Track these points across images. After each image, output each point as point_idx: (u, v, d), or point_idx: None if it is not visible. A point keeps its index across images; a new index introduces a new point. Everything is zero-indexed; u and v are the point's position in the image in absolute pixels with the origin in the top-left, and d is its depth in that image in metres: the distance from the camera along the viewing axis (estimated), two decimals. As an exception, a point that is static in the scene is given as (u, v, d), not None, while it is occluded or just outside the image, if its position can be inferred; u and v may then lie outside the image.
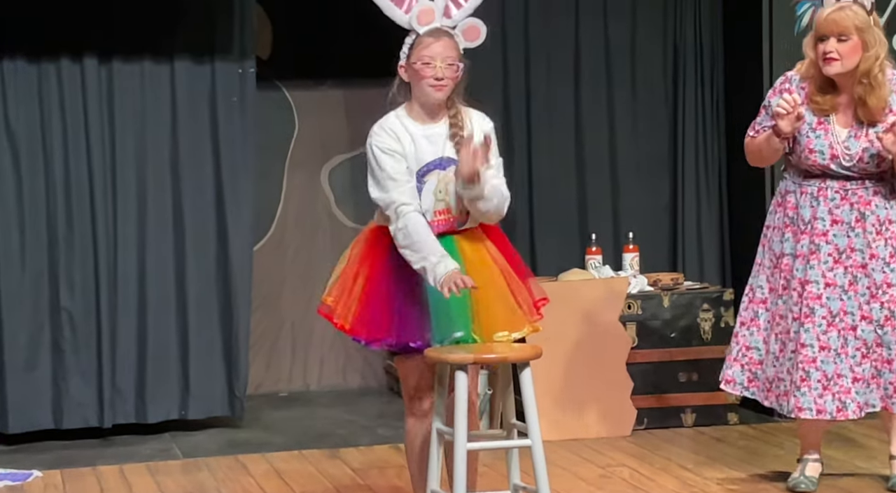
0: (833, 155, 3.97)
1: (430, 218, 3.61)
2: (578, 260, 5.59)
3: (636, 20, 5.76)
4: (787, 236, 4.08)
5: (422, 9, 3.61)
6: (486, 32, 3.69)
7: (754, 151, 4.14)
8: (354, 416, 5.79)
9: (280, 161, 6.35)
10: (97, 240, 5.37)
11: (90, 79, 5.35)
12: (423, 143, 3.60)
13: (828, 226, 4.00)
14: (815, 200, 4.02)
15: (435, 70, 3.57)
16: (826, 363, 3.99)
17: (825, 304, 4.00)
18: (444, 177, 3.60)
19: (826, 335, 3.99)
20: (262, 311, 6.23)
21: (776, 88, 4.10)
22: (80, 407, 5.36)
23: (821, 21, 3.95)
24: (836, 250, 3.99)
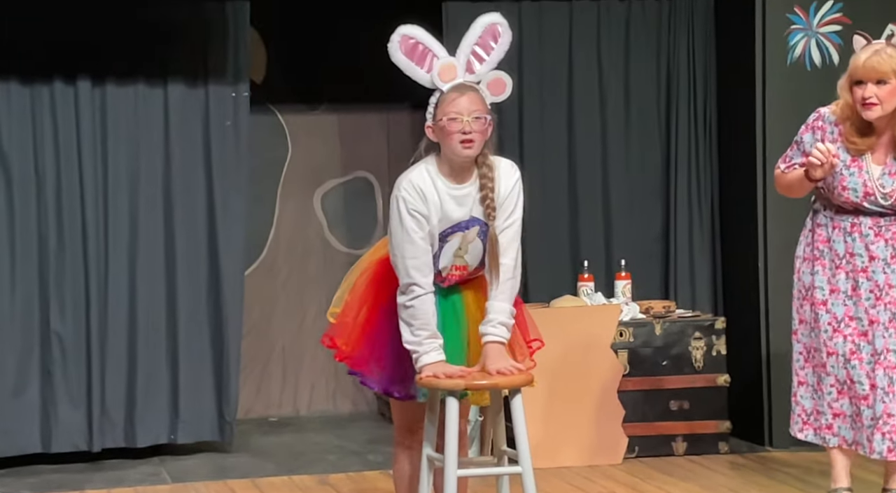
0: (867, 193, 3.98)
1: (446, 273, 3.57)
2: (571, 287, 5.58)
3: (629, 51, 5.78)
4: (817, 269, 4.07)
5: (443, 65, 3.54)
6: (511, 85, 3.64)
7: (785, 185, 4.15)
8: (344, 441, 5.77)
9: (273, 185, 6.35)
10: (88, 263, 5.35)
11: (83, 101, 5.35)
12: (451, 204, 3.51)
13: (866, 262, 4.00)
14: (848, 235, 4.03)
15: (462, 124, 3.46)
16: (877, 402, 4.00)
17: (871, 341, 4.01)
18: (466, 236, 3.54)
19: (874, 373, 4.01)
20: (252, 335, 6.21)
21: (809, 124, 4.09)
22: (69, 431, 5.33)
23: (858, 66, 3.94)
24: (876, 287, 4.01)
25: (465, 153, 3.49)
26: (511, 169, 3.59)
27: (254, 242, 6.15)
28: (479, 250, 3.56)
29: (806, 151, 4.06)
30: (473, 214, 3.54)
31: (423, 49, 3.55)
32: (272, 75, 6.26)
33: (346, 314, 3.63)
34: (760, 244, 5.44)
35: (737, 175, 5.65)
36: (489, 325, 3.54)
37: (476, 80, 3.59)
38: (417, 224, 3.49)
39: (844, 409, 4.02)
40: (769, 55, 5.39)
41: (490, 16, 3.64)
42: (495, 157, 3.59)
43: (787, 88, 5.38)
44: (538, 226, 5.70)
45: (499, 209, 3.54)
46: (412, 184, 3.51)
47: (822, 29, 5.41)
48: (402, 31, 3.56)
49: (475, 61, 3.59)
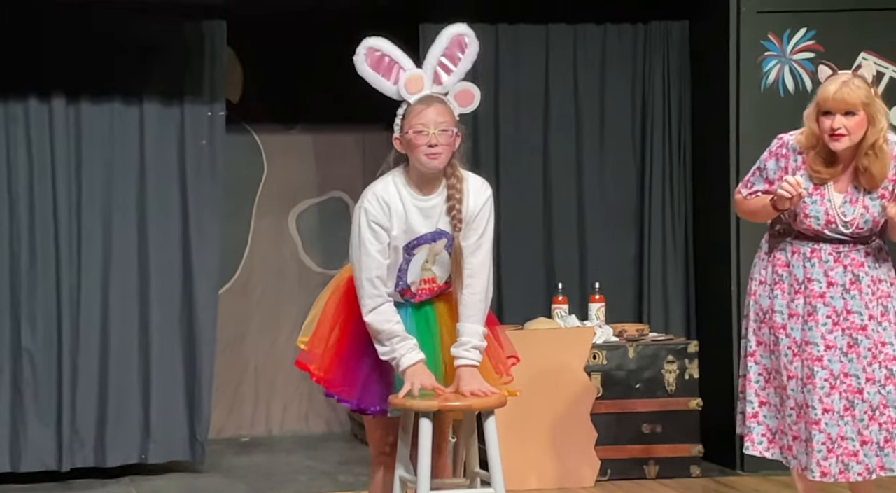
0: (828, 221, 4.00)
1: (416, 288, 3.57)
2: (545, 309, 5.59)
3: (605, 74, 5.81)
4: (776, 293, 4.08)
5: (410, 77, 3.54)
6: (479, 97, 3.63)
7: (748, 211, 4.15)
8: (316, 462, 5.75)
9: (248, 204, 6.34)
10: (60, 281, 5.33)
11: (58, 119, 5.33)
12: (415, 216, 3.51)
13: (824, 288, 4.02)
14: (808, 260, 4.04)
15: (428, 137, 3.46)
16: (830, 426, 4.00)
17: (826, 366, 4.01)
18: (433, 248, 3.53)
19: (829, 398, 4.00)
20: (226, 354, 6.19)
21: (772, 150, 4.09)
22: (39, 450, 5.29)
23: (827, 98, 3.93)
24: (834, 313, 4.02)
25: (431, 164, 3.49)
26: (483, 186, 3.59)
27: (228, 261, 6.13)
28: (446, 263, 3.56)
29: (769, 178, 4.08)
30: (440, 226, 3.53)
31: (389, 61, 3.55)
32: (248, 95, 6.26)
33: (318, 338, 3.62)
34: (733, 269, 5.47)
35: (711, 199, 5.68)
36: (462, 348, 3.54)
37: (444, 92, 3.58)
38: (375, 236, 3.50)
39: (801, 433, 4.04)
40: (743, 81, 5.43)
41: (456, 27, 3.63)
42: (467, 171, 3.59)
43: (760, 114, 5.42)
44: (513, 248, 5.71)
45: (467, 224, 3.54)
46: (376, 195, 3.52)
47: (795, 56, 5.46)
48: (367, 43, 3.57)
49: (442, 73, 3.58)
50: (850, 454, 3.99)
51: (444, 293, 3.63)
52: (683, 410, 5.33)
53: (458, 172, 3.54)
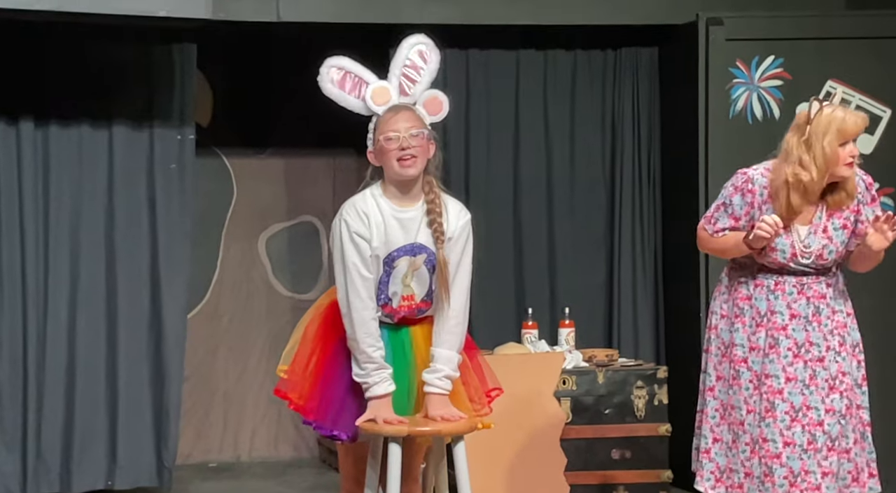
0: (794, 254, 3.99)
1: (396, 304, 3.56)
2: (514, 334, 5.59)
3: (575, 101, 5.84)
4: (738, 327, 4.07)
5: (375, 89, 3.55)
6: (448, 104, 3.63)
7: (716, 249, 4.11)
8: (285, 488, 5.71)
9: (217, 228, 6.32)
10: (27, 304, 5.28)
11: (25, 142, 5.30)
12: (394, 227, 3.50)
13: (787, 320, 4.01)
14: (771, 293, 4.03)
15: (399, 141, 3.46)
16: (792, 459, 3.98)
17: (787, 398, 3.99)
18: (413, 263, 3.53)
19: (790, 431, 3.98)
20: (194, 379, 6.15)
21: (738, 186, 4.03)
22: (3, 476, 5.24)
23: (850, 126, 3.92)
24: (794, 345, 4.01)
25: (405, 171, 3.48)
26: (462, 211, 3.59)
27: (197, 284, 6.10)
28: (425, 279, 3.55)
29: (734, 214, 4.05)
30: (420, 239, 3.52)
31: (353, 78, 3.57)
32: (218, 118, 6.25)
33: (298, 365, 3.59)
34: (702, 295, 5.48)
35: (679, 225, 5.71)
36: (434, 376, 3.53)
37: (412, 102, 3.59)
38: (358, 249, 3.48)
39: (754, 469, 4.01)
40: (712, 108, 5.47)
41: (414, 37, 3.64)
42: (443, 193, 3.58)
43: (729, 141, 5.46)
44: (483, 273, 5.69)
45: (447, 241, 3.53)
46: (354, 207, 3.52)
47: (763, 83, 5.50)
48: (330, 62, 3.58)
49: (408, 84, 3.59)
50: (812, 487, 3.97)
51: (422, 317, 3.61)
52: (653, 435, 5.33)
53: (436, 189, 3.55)
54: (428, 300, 3.58)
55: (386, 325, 3.58)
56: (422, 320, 3.62)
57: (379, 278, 3.52)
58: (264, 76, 6.25)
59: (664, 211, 5.87)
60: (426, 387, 3.52)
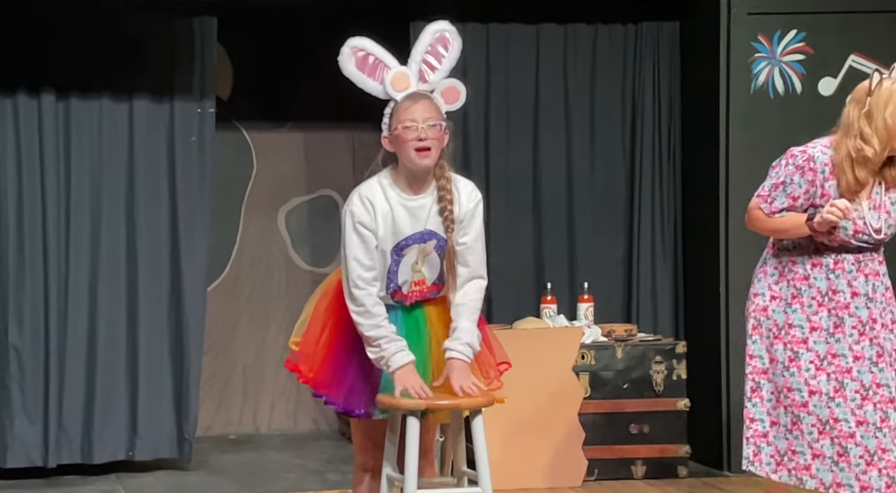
0: (857, 231, 3.95)
1: (407, 290, 3.56)
2: (534, 309, 5.59)
3: (595, 75, 5.81)
4: (795, 308, 4.02)
5: (395, 75, 3.53)
6: (465, 94, 3.62)
7: (771, 229, 4.03)
8: (304, 460, 5.75)
9: (237, 202, 6.33)
10: (48, 277, 5.31)
11: (47, 114, 5.32)
12: (403, 216, 3.49)
13: (849, 298, 3.99)
14: (831, 272, 3.99)
15: (417, 132, 3.45)
16: (867, 438, 3.95)
17: (856, 377, 3.96)
18: (423, 249, 3.52)
19: (862, 410, 3.95)
20: (213, 352, 6.18)
21: (800, 165, 3.94)
22: (25, 446, 5.28)
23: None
24: (859, 323, 3.98)
25: (421, 163, 3.48)
26: (473, 192, 3.58)
27: (217, 258, 6.12)
28: (436, 264, 3.55)
29: (793, 194, 3.97)
30: (429, 226, 3.52)
31: (374, 60, 3.55)
32: (238, 92, 6.25)
33: (309, 338, 3.61)
34: (722, 269, 5.47)
35: (700, 200, 5.69)
36: (455, 342, 3.53)
37: (430, 89, 3.57)
38: (362, 239, 3.48)
39: (825, 450, 3.98)
40: (733, 82, 5.44)
41: (438, 24, 3.62)
42: (455, 174, 3.58)
43: (750, 115, 5.43)
44: (503, 248, 5.71)
45: (458, 227, 3.53)
46: (361, 196, 3.51)
47: (785, 58, 5.47)
48: (351, 43, 3.56)
49: (427, 70, 3.57)
50: (892, 465, 3.92)
51: (434, 297, 3.61)
52: (671, 410, 5.33)
53: (447, 173, 3.53)
54: (439, 283, 3.58)
55: (398, 305, 3.58)
56: (435, 299, 3.62)
57: (388, 267, 3.52)
58: (284, 50, 6.24)
59: (684, 186, 5.85)
60: (447, 353, 3.53)
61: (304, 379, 3.58)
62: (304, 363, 3.58)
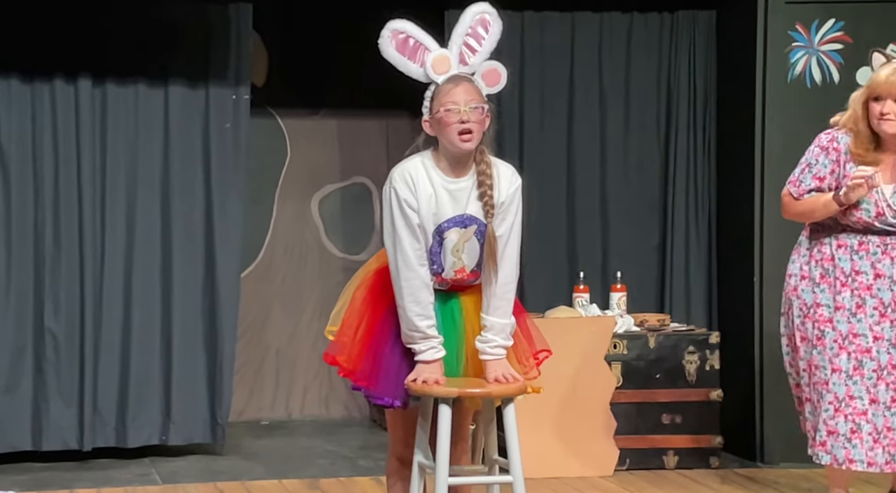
0: (879, 212, 4.01)
1: (449, 275, 3.53)
2: (566, 297, 5.58)
3: (630, 63, 5.78)
4: (823, 287, 4.09)
5: (437, 57, 3.51)
6: (506, 76, 3.60)
7: (801, 212, 4.13)
8: (336, 446, 5.77)
9: (271, 188, 6.35)
10: (84, 262, 5.35)
11: (83, 100, 5.35)
12: (444, 198, 3.47)
13: (871, 280, 4.04)
14: (855, 253, 4.05)
15: (460, 115, 3.42)
16: (877, 416, 4.04)
17: (875, 357, 4.04)
18: (464, 234, 3.50)
19: (876, 388, 4.04)
20: (247, 338, 6.21)
21: (823, 146, 4.09)
22: (60, 429, 5.33)
23: (880, 82, 4.00)
24: (881, 304, 4.05)
25: (463, 146, 3.45)
26: (513, 176, 3.56)
27: (250, 244, 6.15)
28: (475, 251, 3.53)
29: (819, 174, 4.05)
30: (469, 211, 3.50)
31: (414, 43, 3.53)
32: (273, 79, 6.26)
33: (346, 330, 3.59)
34: (756, 260, 5.44)
35: (735, 190, 5.66)
36: (487, 345, 3.53)
37: (470, 72, 3.55)
38: (406, 218, 3.45)
39: (839, 427, 4.04)
40: (770, 72, 5.40)
41: (479, 5, 3.60)
42: (495, 158, 3.56)
43: (787, 105, 5.39)
44: (536, 236, 5.70)
45: (498, 212, 3.52)
46: (404, 174, 3.48)
47: (823, 47, 5.42)
48: (392, 26, 3.54)
49: (468, 53, 3.55)
50: (895, 444, 3.99)
51: (471, 285, 3.60)
52: (704, 400, 5.32)
53: (487, 158, 3.51)
54: (477, 270, 3.57)
55: (436, 292, 3.57)
56: (471, 287, 3.61)
57: (430, 249, 3.51)
58: (319, 37, 6.25)
59: (719, 176, 5.81)
60: (481, 356, 3.54)
61: (344, 372, 3.57)
62: (342, 354, 3.56)
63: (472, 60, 3.56)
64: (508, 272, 3.54)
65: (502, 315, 3.53)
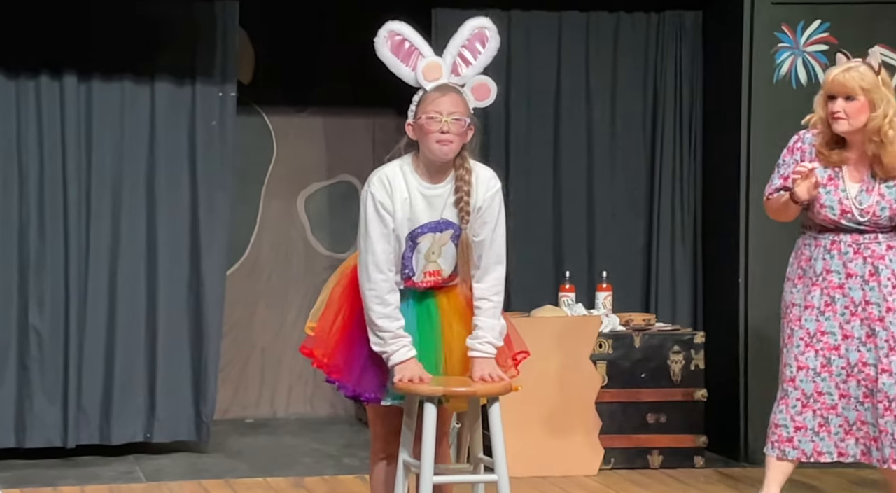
0: (844, 211, 4.06)
1: (419, 278, 3.56)
2: (552, 296, 5.59)
3: (617, 63, 5.79)
4: (798, 287, 4.15)
5: (428, 64, 3.54)
6: (496, 92, 3.62)
7: (773, 210, 4.23)
8: (321, 445, 5.76)
9: (257, 186, 6.34)
10: (69, 259, 5.33)
11: (69, 97, 5.33)
12: (420, 203, 3.50)
13: (843, 279, 4.08)
14: (827, 253, 4.10)
15: (440, 124, 3.45)
16: (847, 410, 4.09)
17: (844, 355, 4.08)
18: (439, 239, 3.53)
19: (846, 385, 4.08)
20: (232, 335, 6.20)
21: (790, 146, 4.20)
22: (44, 426, 5.31)
23: (829, 81, 4.08)
24: (852, 303, 4.08)
25: (441, 155, 3.48)
26: (492, 179, 3.58)
27: (236, 242, 6.14)
28: (452, 255, 3.55)
29: (784, 174, 4.14)
30: (445, 216, 3.52)
31: (409, 47, 3.55)
32: (260, 76, 6.25)
33: (323, 325, 3.62)
34: (741, 260, 5.46)
35: (720, 190, 5.67)
36: (477, 341, 3.54)
37: (461, 83, 3.58)
38: (382, 221, 3.49)
39: (807, 422, 4.08)
40: (755, 72, 5.41)
41: (479, 20, 3.64)
42: (476, 163, 3.58)
43: (772, 106, 5.40)
44: (522, 236, 5.70)
45: (476, 216, 3.53)
46: (382, 178, 3.52)
47: (808, 48, 5.44)
48: (389, 27, 3.56)
49: (461, 64, 3.58)
50: (870, 438, 4.04)
51: (447, 286, 3.62)
52: (688, 400, 5.33)
53: (468, 164, 3.53)
54: (455, 274, 3.59)
55: (410, 292, 3.58)
56: (446, 288, 3.62)
57: (402, 254, 3.53)
58: (306, 35, 6.24)
59: (705, 176, 5.83)
60: (470, 352, 3.55)
61: (318, 364, 3.59)
62: (319, 348, 3.59)
63: (465, 72, 3.59)
64: (496, 274, 3.56)
65: (492, 316, 3.55)
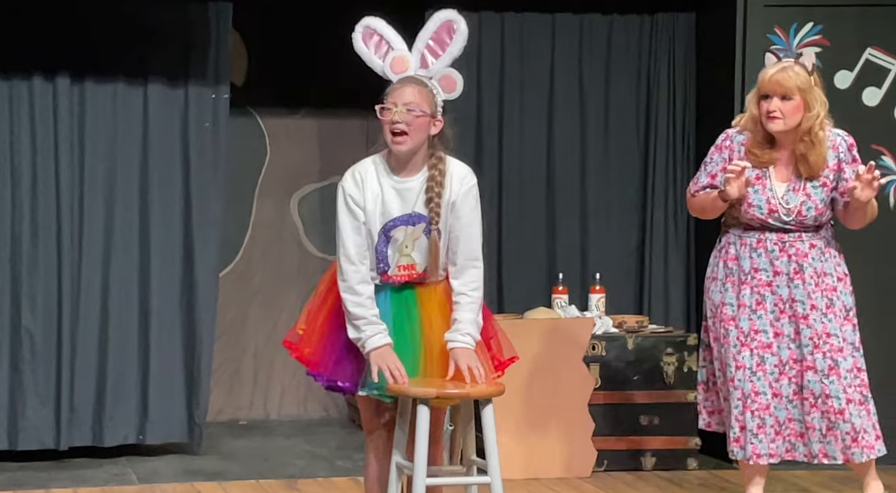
0: (771, 210, 4.11)
1: (393, 272, 3.58)
2: (545, 298, 5.59)
3: (610, 65, 5.80)
4: (727, 286, 4.20)
5: (395, 57, 3.59)
6: (462, 83, 3.65)
7: (697, 208, 4.30)
8: (314, 446, 5.76)
9: (250, 188, 6.34)
10: (62, 260, 5.33)
11: (62, 98, 5.32)
12: (391, 197, 3.54)
13: (771, 277, 4.13)
14: (754, 251, 4.15)
15: (392, 114, 3.50)
16: (779, 410, 4.14)
17: (776, 352, 4.12)
18: (412, 233, 3.55)
19: (778, 383, 4.13)
20: (225, 337, 6.20)
21: (718, 144, 4.25)
22: (37, 429, 5.30)
23: (764, 81, 4.11)
24: (780, 301, 4.14)
25: (395, 147, 3.53)
26: (467, 176, 3.60)
27: (229, 244, 6.13)
28: (426, 249, 3.57)
29: (712, 171, 4.19)
30: (417, 209, 3.55)
31: (379, 40, 3.62)
32: (253, 78, 6.25)
33: (309, 320, 3.65)
34: (734, 262, 5.46)
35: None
36: (456, 333, 3.56)
37: (429, 76, 3.61)
38: (352, 214, 3.54)
39: (747, 422, 4.12)
40: (748, 74, 5.42)
41: (446, 12, 3.67)
42: (452, 158, 3.60)
43: (765, 108, 5.40)
44: (514, 237, 5.71)
45: (449, 212, 3.54)
46: (354, 172, 3.58)
47: (802, 50, 5.45)
48: (364, 22, 3.65)
49: (430, 57, 3.62)
50: (796, 434, 4.12)
51: (427, 282, 3.62)
52: (681, 402, 5.33)
53: (442, 161, 3.56)
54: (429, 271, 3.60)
55: (387, 286, 3.60)
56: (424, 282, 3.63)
57: (376, 247, 3.55)
58: (299, 37, 6.24)
59: (698, 178, 5.83)
60: (450, 344, 3.55)
61: (298, 355, 3.61)
62: (301, 342, 3.62)
63: (433, 65, 3.62)
64: (473, 271, 3.58)
65: (470, 311, 3.57)
